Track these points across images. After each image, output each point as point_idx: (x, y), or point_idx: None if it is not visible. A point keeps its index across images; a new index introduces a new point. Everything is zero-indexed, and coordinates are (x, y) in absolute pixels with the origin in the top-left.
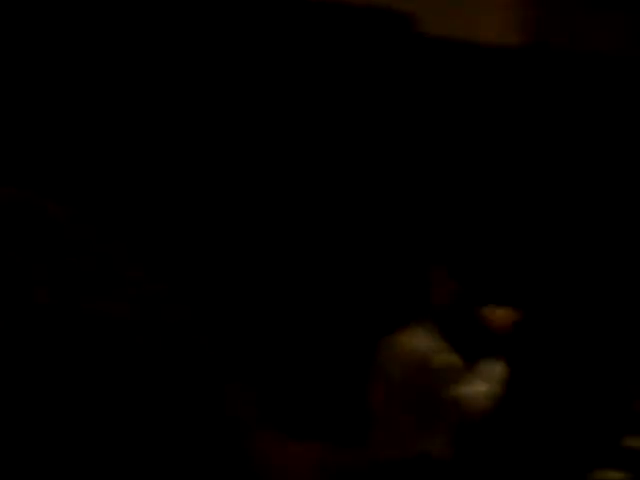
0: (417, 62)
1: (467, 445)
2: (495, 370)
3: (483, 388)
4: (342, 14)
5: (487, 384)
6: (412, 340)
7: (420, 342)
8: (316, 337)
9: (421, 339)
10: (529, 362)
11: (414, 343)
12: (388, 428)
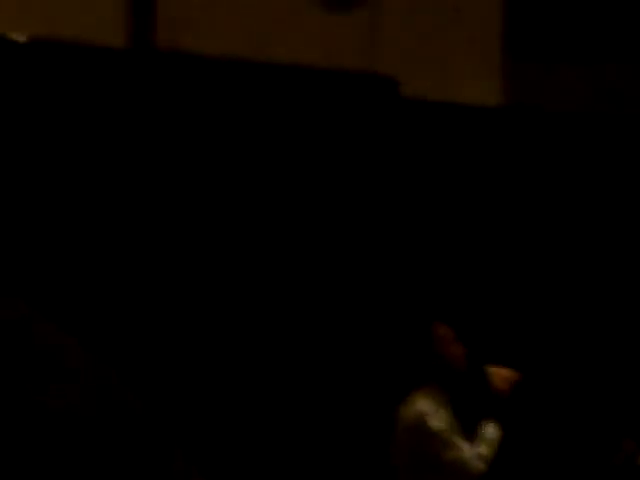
0: (402, 124)
1: None
2: (495, 432)
3: (484, 451)
4: (326, 79)
5: (487, 446)
6: (413, 402)
7: (419, 405)
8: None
9: (421, 402)
10: (528, 424)
11: (414, 406)
12: None
